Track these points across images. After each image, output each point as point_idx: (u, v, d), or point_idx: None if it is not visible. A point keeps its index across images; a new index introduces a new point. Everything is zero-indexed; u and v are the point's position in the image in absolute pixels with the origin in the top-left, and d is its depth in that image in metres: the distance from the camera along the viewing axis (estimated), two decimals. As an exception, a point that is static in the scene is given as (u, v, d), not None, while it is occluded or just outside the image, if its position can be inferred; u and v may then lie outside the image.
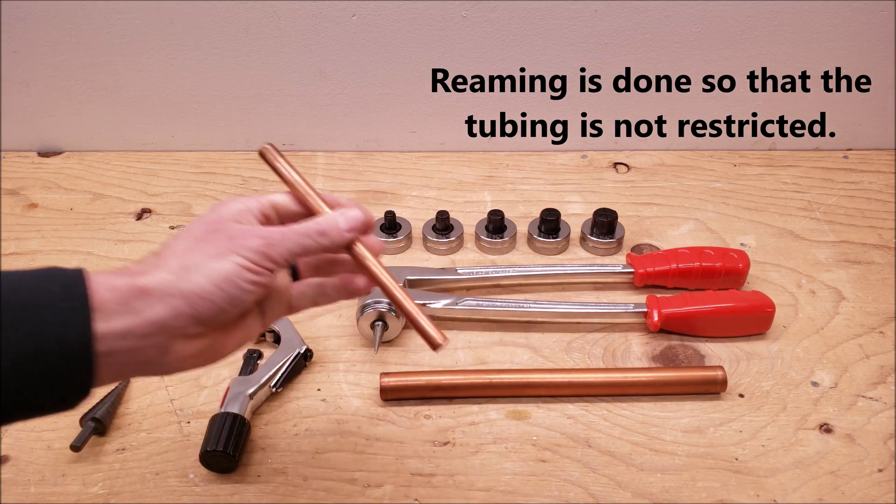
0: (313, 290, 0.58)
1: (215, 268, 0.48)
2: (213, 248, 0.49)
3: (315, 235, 0.52)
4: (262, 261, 0.49)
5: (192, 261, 0.48)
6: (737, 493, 0.66)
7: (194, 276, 0.48)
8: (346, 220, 0.53)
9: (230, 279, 0.48)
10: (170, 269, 0.48)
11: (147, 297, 0.46)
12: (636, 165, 1.05)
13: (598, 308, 0.81)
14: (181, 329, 0.48)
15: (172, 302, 0.47)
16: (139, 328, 0.46)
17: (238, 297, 0.49)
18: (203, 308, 0.48)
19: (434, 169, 1.05)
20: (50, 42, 0.98)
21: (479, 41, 0.98)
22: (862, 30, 0.96)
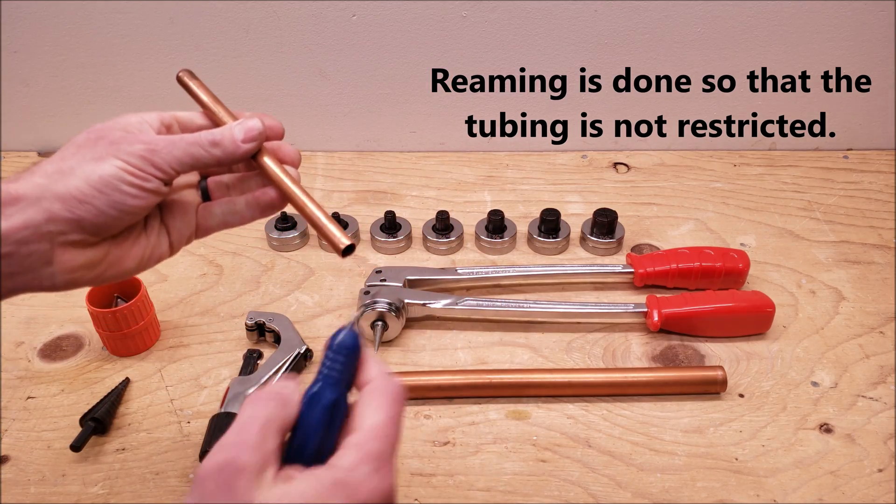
0: (223, 207, 0.55)
1: (93, 169, 0.46)
2: (92, 152, 0.47)
3: (207, 145, 0.50)
4: (144, 166, 0.48)
5: (69, 164, 0.47)
6: (737, 493, 0.66)
7: (70, 179, 0.46)
8: (243, 129, 0.51)
9: (109, 181, 0.46)
10: (44, 173, 0.47)
11: (18, 202, 0.45)
12: (636, 165, 1.05)
13: (598, 308, 0.81)
14: (61, 234, 0.46)
15: (46, 204, 0.45)
16: (12, 231, 0.45)
17: (120, 201, 0.47)
18: (82, 211, 0.46)
19: (434, 169, 1.05)
20: (50, 42, 0.98)
21: (479, 41, 0.98)
22: (862, 30, 0.96)
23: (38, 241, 0.46)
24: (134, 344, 0.77)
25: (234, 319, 0.82)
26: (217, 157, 0.50)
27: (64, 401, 0.73)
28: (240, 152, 0.51)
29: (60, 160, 0.47)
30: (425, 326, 0.81)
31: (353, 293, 0.85)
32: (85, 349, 0.78)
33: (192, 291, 0.85)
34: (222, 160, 0.51)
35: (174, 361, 0.77)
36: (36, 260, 0.46)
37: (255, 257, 0.90)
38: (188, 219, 0.54)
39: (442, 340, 0.80)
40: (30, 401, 0.73)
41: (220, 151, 0.50)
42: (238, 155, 0.51)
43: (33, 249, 0.46)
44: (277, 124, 0.54)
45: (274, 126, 0.54)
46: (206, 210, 0.55)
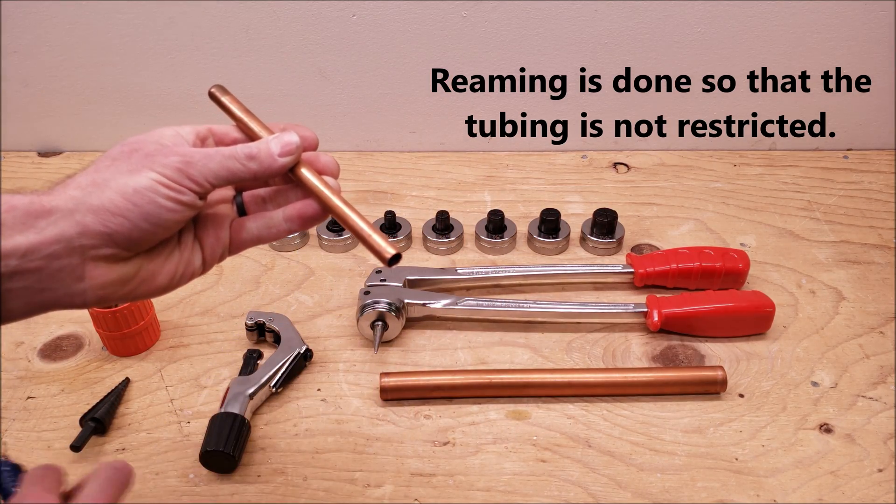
0: (258, 222, 0.54)
1: (128, 182, 0.45)
2: (127, 165, 0.46)
3: (243, 159, 0.49)
4: (180, 178, 0.47)
5: (103, 177, 0.46)
6: (737, 493, 0.66)
7: (105, 191, 0.45)
8: (280, 143, 0.50)
9: (144, 193, 0.45)
10: (78, 185, 0.46)
11: (50, 214, 0.44)
12: (636, 165, 1.05)
13: (598, 308, 0.80)
14: (93, 248, 0.45)
15: (79, 217, 0.44)
16: (44, 245, 0.43)
17: (155, 213, 0.46)
18: (116, 225, 0.45)
19: (434, 169, 1.05)
20: (50, 42, 0.98)
21: (479, 41, 0.98)
22: (862, 30, 0.96)
23: (69, 255, 0.44)
24: (134, 344, 0.77)
25: (234, 319, 0.82)
26: (254, 171, 0.49)
27: (64, 401, 0.73)
28: (276, 166, 0.50)
29: (94, 172, 0.47)
30: (425, 326, 0.81)
31: (353, 293, 0.85)
32: (85, 349, 0.78)
33: (192, 291, 0.85)
34: (259, 174, 0.50)
35: (174, 361, 0.77)
36: (67, 275, 0.45)
37: (255, 257, 0.90)
38: (222, 234, 0.53)
39: (442, 340, 0.80)
40: (30, 401, 0.73)
41: (256, 165, 0.49)
42: (275, 169, 0.50)
43: (64, 264, 0.44)
44: (312, 135, 0.54)
45: (308, 137, 0.53)
46: (240, 225, 0.54)
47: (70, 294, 0.46)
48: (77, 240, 0.44)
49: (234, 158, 0.49)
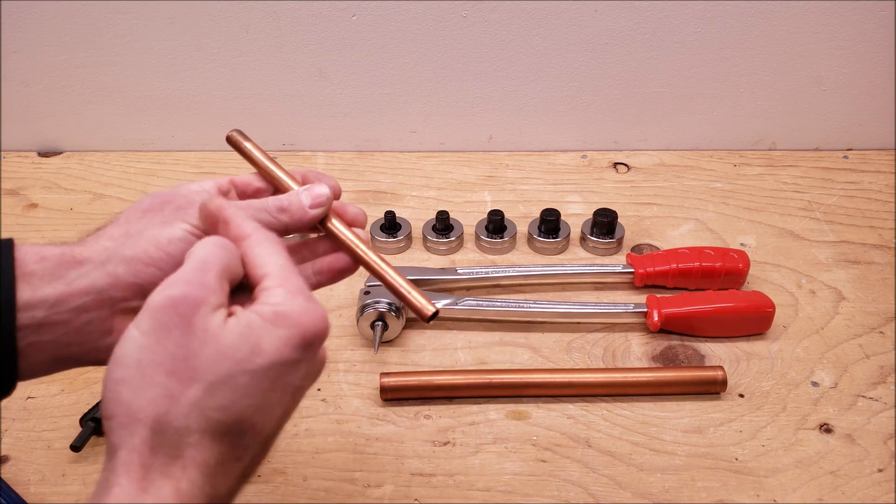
0: None
1: (162, 232, 0.44)
2: (161, 217, 0.46)
3: (274, 211, 0.48)
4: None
5: (136, 228, 0.45)
6: (737, 493, 0.66)
7: (139, 242, 0.44)
8: (310, 196, 0.49)
9: (178, 244, 0.44)
10: (111, 236, 0.45)
11: (82, 265, 0.43)
12: (636, 165, 1.05)
13: (598, 308, 0.81)
14: (124, 300, 0.43)
15: (111, 268, 0.43)
16: (73, 297, 0.42)
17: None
18: (148, 276, 0.43)
19: (434, 169, 1.05)
20: (50, 42, 0.98)
21: (479, 41, 0.98)
22: (862, 30, 0.96)
23: (98, 308, 0.43)
24: (134, 344, 0.77)
25: (234, 319, 0.82)
26: (285, 223, 0.48)
27: (64, 401, 0.73)
28: (308, 218, 0.49)
29: (126, 224, 0.45)
30: (425, 326, 0.81)
31: (353, 293, 0.85)
32: (85, 349, 0.78)
33: (192, 291, 0.85)
34: (290, 227, 0.49)
35: (174, 361, 0.77)
36: (94, 329, 0.43)
37: (255, 257, 0.90)
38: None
39: (442, 340, 0.80)
40: (30, 401, 0.73)
41: (287, 218, 0.48)
42: (306, 221, 0.49)
43: (93, 317, 0.43)
44: (335, 184, 0.52)
45: (333, 186, 0.52)
46: None
47: (97, 349, 0.44)
48: (107, 291, 0.43)
49: (266, 211, 0.48)
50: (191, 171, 1.04)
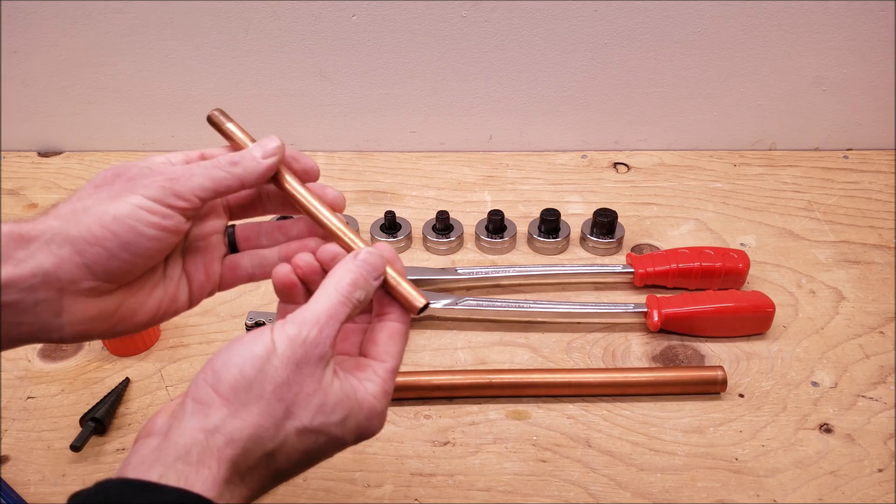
0: (252, 259, 0.52)
1: (108, 209, 0.43)
2: (109, 191, 0.45)
3: (226, 165, 0.47)
4: (165, 198, 0.45)
5: (84, 205, 0.44)
6: (737, 493, 0.66)
7: (83, 219, 0.43)
8: (261, 147, 0.49)
9: (123, 220, 0.43)
10: (58, 214, 0.44)
11: (29, 244, 0.42)
12: (636, 165, 1.05)
13: (598, 308, 0.80)
14: (72, 282, 0.43)
15: (56, 248, 0.42)
16: (21, 279, 0.42)
17: (135, 242, 0.44)
18: (93, 255, 0.43)
19: (434, 169, 1.05)
20: (50, 42, 0.98)
21: (479, 41, 0.98)
22: (862, 30, 0.96)
23: (46, 289, 0.43)
24: (134, 344, 0.77)
25: (234, 319, 0.82)
26: (239, 175, 0.47)
27: (64, 401, 0.73)
28: (262, 168, 0.48)
29: (77, 200, 0.45)
30: (425, 326, 0.81)
31: (353, 293, 0.85)
32: (85, 349, 0.78)
33: (192, 291, 0.85)
34: (245, 179, 0.48)
35: (174, 361, 0.77)
36: (44, 310, 0.43)
37: (255, 257, 0.90)
38: (213, 268, 0.52)
39: (442, 340, 0.80)
40: (30, 401, 0.73)
41: (241, 170, 0.48)
42: (260, 171, 0.48)
43: (41, 298, 0.43)
44: (313, 166, 0.52)
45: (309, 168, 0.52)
46: (233, 261, 0.52)
47: (47, 329, 0.44)
48: (54, 272, 0.43)
49: (217, 167, 0.47)
50: (191, 171, 1.04)
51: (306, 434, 0.42)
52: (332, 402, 0.43)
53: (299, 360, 0.42)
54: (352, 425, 0.44)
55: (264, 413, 0.41)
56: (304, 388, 0.42)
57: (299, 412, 0.42)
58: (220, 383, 0.41)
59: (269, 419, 0.41)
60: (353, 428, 0.44)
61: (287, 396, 0.41)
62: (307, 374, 0.42)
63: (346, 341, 0.50)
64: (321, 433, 0.43)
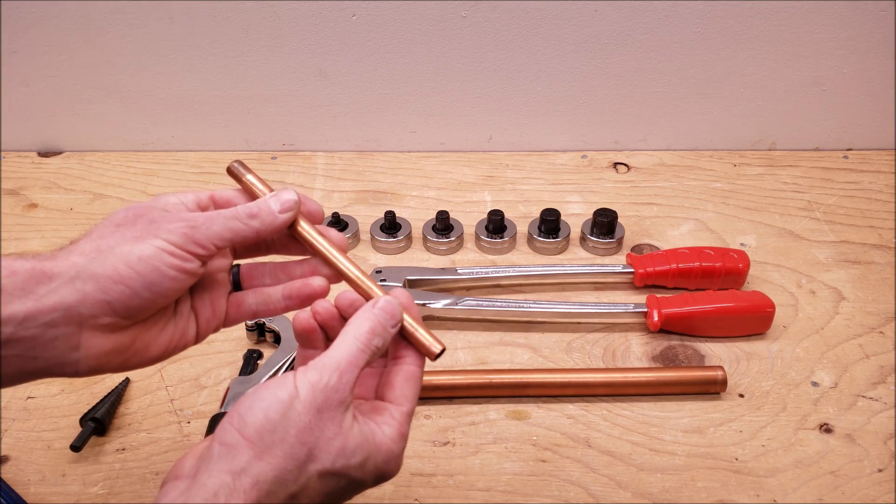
0: (257, 298, 0.54)
1: (132, 250, 0.45)
2: (133, 232, 0.46)
3: (245, 218, 0.49)
4: (186, 244, 0.46)
5: (108, 243, 0.45)
6: (737, 493, 0.66)
7: (108, 258, 0.45)
8: (279, 201, 0.50)
9: (149, 262, 0.45)
10: (82, 252, 0.45)
11: (51, 280, 0.44)
12: (636, 165, 1.05)
13: (598, 308, 0.80)
14: (92, 317, 0.44)
15: (80, 285, 0.44)
16: (42, 314, 0.43)
17: (158, 283, 0.46)
18: (117, 293, 0.44)
19: (434, 169, 1.05)
20: (50, 42, 0.98)
21: (479, 41, 0.98)
22: (862, 30, 0.96)
23: (66, 323, 0.44)
24: (134, 344, 0.77)
25: (234, 319, 0.82)
26: (256, 228, 0.49)
27: (64, 401, 0.73)
28: (278, 223, 0.50)
29: (99, 238, 0.46)
30: (425, 326, 0.81)
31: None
32: (85, 349, 0.78)
33: (192, 291, 0.85)
34: (261, 232, 0.50)
35: (174, 361, 0.77)
36: (62, 344, 0.44)
37: (255, 257, 0.90)
38: (219, 305, 0.53)
39: (442, 340, 0.80)
40: (30, 401, 0.73)
41: (258, 223, 0.49)
42: (277, 225, 0.50)
43: (60, 333, 0.44)
44: (317, 208, 0.54)
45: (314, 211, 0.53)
46: (238, 299, 0.54)
47: (62, 363, 0.45)
48: (76, 308, 0.44)
49: (237, 218, 0.49)
50: (191, 170, 1.04)
51: (328, 477, 0.44)
52: (353, 446, 0.44)
53: (321, 406, 0.43)
54: (370, 468, 0.45)
55: (288, 456, 0.42)
56: (326, 432, 0.43)
57: (321, 455, 0.43)
58: (246, 427, 0.42)
59: (292, 462, 0.42)
60: (371, 470, 0.45)
61: (309, 440, 0.43)
62: (328, 419, 0.44)
63: (363, 384, 0.52)
64: (342, 476, 0.44)
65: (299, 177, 1.04)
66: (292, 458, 0.42)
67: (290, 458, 0.42)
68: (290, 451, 0.42)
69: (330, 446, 0.44)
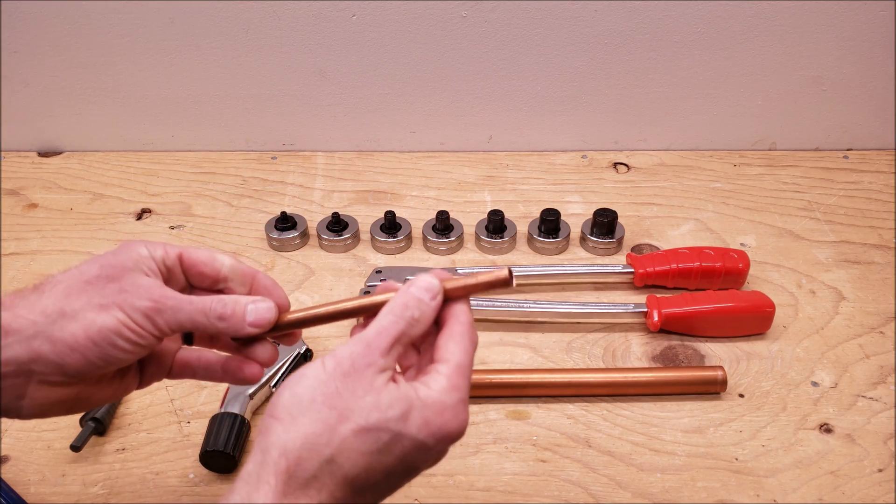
0: (201, 364, 0.54)
1: (94, 319, 0.45)
2: (99, 297, 0.46)
3: (214, 318, 0.48)
4: (146, 324, 0.46)
5: (72, 306, 0.45)
6: (737, 493, 0.66)
7: (69, 325, 0.45)
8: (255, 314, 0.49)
9: (107, 336, 0.45)
10: (43, 310, 0.45)
11: (8, 335, 0.44)
12: (636, 165, 1.05)
13: (598, 308, 0.80)
14: (42, 374, 0.45)
15: (36, 345, 0.44)
16: None
17: (112, 355, 0.46)
18: (70, 360, 0.45)
19: (434, 169, 1.05)
20: (50, 42, 0.98)
21: (479, 41, 0.98)
22: (862, 30, 0.96)
23: (15, 376, 0.45)
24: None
25: (234, 319, 0.82)
26: (219, 329, 0.49)
27: (64, 401, 0.73)
28: (243, 333, 0.50)
29: (65, 296, 0.46)
30: (425, 326, 0.81)
31: (353, 293, 0.85)
32: (85, 349, 0.78)
33: (192, 291, 0.85)
34: (224, 333, 0.49)
35: (174, 361, 0.77)
36: (8, 392, 0.45)
37: (255, 257, 0.90)
38: (165, 363, 0.54)
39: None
40: (30, 401, 0.73)
41: (224, 325, 0.49)
42: (241, 335, 0.50)
43: (9, 384, 0.45)
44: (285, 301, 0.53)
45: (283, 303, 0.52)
46: (183, 361, 0.54)
47: (6, 409, 0.46)
48: (27, 364, 0.45)
49: (205, 314, 0.48)
50: (190, 170, 1.04)
51: (364, 433, 0.42)
52: (387, 400, 0.43)
53: (347, 370, 0.43)
54: (418, 420, 0.43)
55: (315, 420, 0.42)
56: (356, 392, 0.43)
57: (352, 414, 0.42)
58: (276, 408, 0.43)
59: (320, 425, 0.42)
60: (420, 423, 0.43)
61: (338, 403, 0.43)
62: (355, 379, 0.43)
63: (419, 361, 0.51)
64: (381, 430, 0.43)
65: (299, 177, 1.04)
66: (321, 422, 0.42)
67: (318, 422, 0.42)
68: (317, 416, 0.42)
69: (361, 403, 0.43)
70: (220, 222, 0.96)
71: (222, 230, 0.95)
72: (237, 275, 0.52)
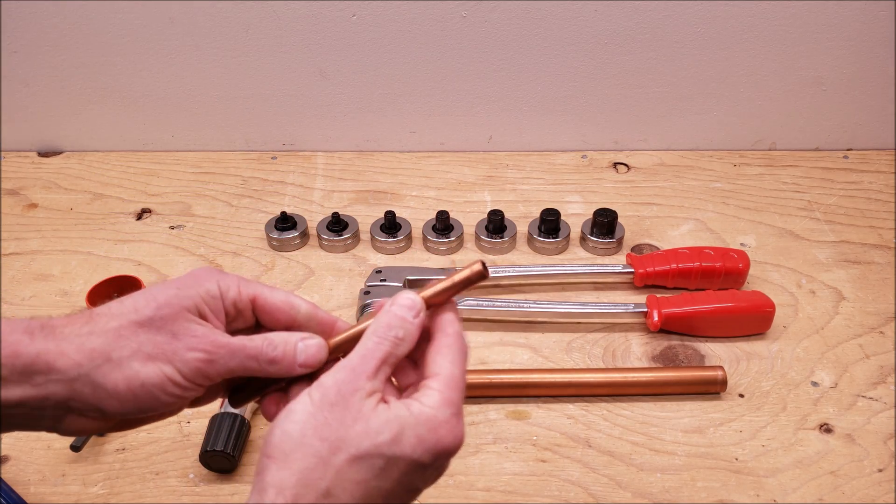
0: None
1: (139, 371, 0.45)
2: (150, 344, 0.45)
3: (265, 363, 0.48)
4: (195, 377, 0.46)
5: (119, 353, 0.45)
6: (737, 493, 0.66)
7: (112, 373, 0.44)
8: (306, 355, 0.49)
9: (149, 390, 0.45)
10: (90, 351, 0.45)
11: (50, 373, 0.44)
12: (636, 165, 1.05)
13: (598, 308, 0.80)
14: (80, 410, 0.45)
15: (78, 386, 0.44)
16: (35, 400, 0.44)
17: (153, 407, 0.46)
18: (110, 406, 0.45)
19: (434, 169, 1.05)
20: (50, 42, 0.98)
21: (479, 41, 0.98)
22: (862, 30, 0.96)
23: (54, 409, 0.45)
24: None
25: (234, 319, 0.82)
26: (269, 373, 0.48)
27: (64, 401, 0.73)
28: (294, 374, 0.49)
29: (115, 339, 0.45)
30: (425, 326, 0.81)
31: (353, 293, 0.85)
32: (85, 349, 0.78)
33: (192, 291, 0.85)
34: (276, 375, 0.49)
35: (174, 361, 0.77)
36: (46, 420, 0.46)
37: (255, 257, 0.90)
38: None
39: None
40: (30, 401, 0.73)
41: (274, 369, 0.48)
42: (291, 375, 0.49)
43: (48, 414, 0.45)
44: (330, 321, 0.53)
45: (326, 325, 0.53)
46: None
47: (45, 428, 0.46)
48: (66, 402, 0.45)
49: (256, 360, 0.48)
50: (190, 170, 1.04)
51: (358, 462, 0.42)
52: (376, 425, 0.43)
53: (333, 400, 0.43)
54: (412, 440, 0.43)
55: (308, 455, 0.42)
56: (345, 421, 0.43)
57: (343, 444, 0.42)
58: (268, 446, 0.43)
59: (313, 460, 0.42)
60: (415, 442, 0.43)
61: (329, 435, 0.42)
62: (343, 408, 0.43)
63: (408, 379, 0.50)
64: (375, 456, 0.42)
65: (299, 177, 1.04)
66: (313, 456, 0.42)
67: (310, 456, 0.42)
68: (310, 450, 0.42)
69: (351, 432, 0.42)
70: (220, 222, 0.96)
71: (222, 230, 0.95)
72: (314, 323, 0.51)
